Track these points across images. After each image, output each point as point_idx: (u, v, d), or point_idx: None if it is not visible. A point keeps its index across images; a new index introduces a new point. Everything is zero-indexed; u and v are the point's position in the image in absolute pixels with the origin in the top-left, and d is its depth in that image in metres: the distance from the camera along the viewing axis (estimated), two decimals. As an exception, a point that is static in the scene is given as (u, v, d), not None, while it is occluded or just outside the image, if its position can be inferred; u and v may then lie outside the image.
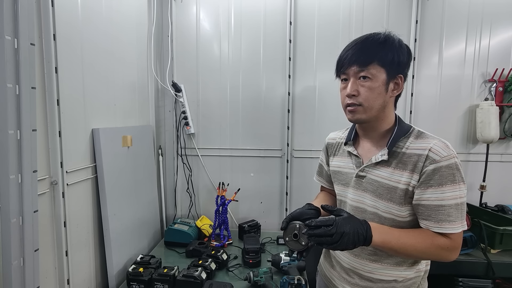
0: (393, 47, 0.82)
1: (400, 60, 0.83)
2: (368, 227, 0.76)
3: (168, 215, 2.17)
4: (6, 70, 0.82)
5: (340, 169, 1.01)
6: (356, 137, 0.99)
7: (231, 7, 1.99)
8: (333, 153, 1.07)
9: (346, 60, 0.85)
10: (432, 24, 1.90)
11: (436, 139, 0.82)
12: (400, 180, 0.83)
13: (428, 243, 0.78)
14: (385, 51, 0.81)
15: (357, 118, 0.87)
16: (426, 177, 0.79)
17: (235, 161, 2.10)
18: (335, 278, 1.02)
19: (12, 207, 0.86)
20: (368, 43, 0.83)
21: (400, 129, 0.88)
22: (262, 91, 2.03)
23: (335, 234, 0.71)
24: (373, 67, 0.81)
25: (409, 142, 0.85)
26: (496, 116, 1.79)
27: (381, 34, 0.84)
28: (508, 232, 1.53)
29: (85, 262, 1.34)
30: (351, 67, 0.84)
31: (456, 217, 0.77)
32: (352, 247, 0.74)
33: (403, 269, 0.89)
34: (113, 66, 1.53)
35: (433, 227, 0.79)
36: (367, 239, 0.75)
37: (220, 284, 1.29)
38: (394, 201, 0.84)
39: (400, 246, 0.78)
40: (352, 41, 0.87)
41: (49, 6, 1.09)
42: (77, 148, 1.28)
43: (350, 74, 0.85)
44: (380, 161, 0.88)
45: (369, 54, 0.82)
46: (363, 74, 0.82)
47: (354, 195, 0.94)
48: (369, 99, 0.83)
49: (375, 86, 0.82)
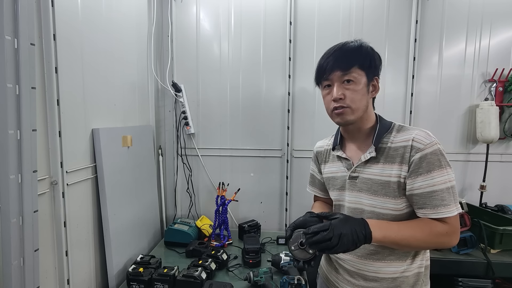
0: (368, 52, 0.88)
1: (376, 64, 0.89)
2: (366, 224, 0.77)
3: (168, 215, 2.17)
4: (6, 70, 0.82)
5: (333, 175, 1.02)
6: (342, 141, 1.02)
7: (231, 7, 2.00)
8: (324, 161, 1.08)
9: (329, 67, 0.88)
10: (432, 24, 1.90)
11: (417, 130, 0.86)
12: (391, 173, 0.86)
13: (427, 231, 0.80)
14: (363, 55, 0.87)
15: (346, 120, 0.89)
16: (414, 166, 0.82)
17: (235, 161, 2.10)
18: (339, 281, 1.02)
19: (12, 207, 0.86)
20: (346, 49, 0.88)
21: (382, 125, 0.92)
22: (262, 91, 2.03)
23: (333, 237, 0.72)
24: (354, 71, 0.86)
25: (392, 137, 0.89)
26: (496, 116, 1.79)
27: (355, 42, 0.89)
28: (508, 232, 1.52)
29: (85, 262, 1.34)
30: (334, 72, 0.87)
31: (450, 200, 0.79)
32: (354, 247, 0.74)
33: (406, 263, 0.90)
34: (113, 66, 1.53)
35: (430, 214, 0.81)
36: (367, 236, 0.75)
37: (220, 284, 1.29)
38: (389, 195, 0.87)
39: (401, 238, 0.79)
40: (329, 49, 0.91)
41: (49, 6, 1.09)
42: (77, 148, 1.28)
43: (334, 79, 0.88)
44: (369, 159, 0.90)
45: (350, 58, 0.86)
46: (346, 78, 0.86)
47: (351, 197, 0.95)
48: (355, 101, 0.87)
49: (359, 88, 0.86)
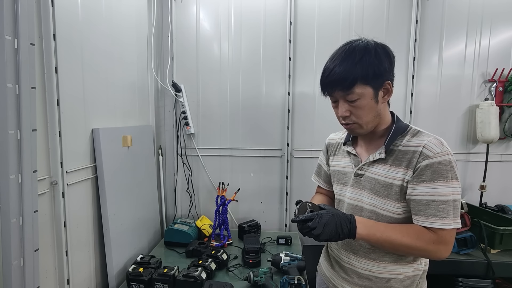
0: (371, 61, 0.79)
1: (382, 70, 0.81)
2: (353, 220, 0.80)
3: (168, 215, 2.17)
4: (6, 70, 0.82)
5: (340, 169, 1.02)
6: (354, 137, 1.02)
7: (231, 7, 1.99)
8: (333, 153, 1.08)
9: (329, 86, 0.84)
10: (432, 24, 1.90)
11: (431, 136, 0.83)
12: (396, 176, 0.85)
13: (413, 236, 0.79)
14: (365, 68, 0.79)
15: (356, 133, 0.92)
16: (419, 172, 0.80)
17: (235, 161, 2.10)
18: (334, 278, 1.03)
19: (12, 207, 0.86)
20: (345, 65, 0.80)
21: (397, 128, 0.89)
22: (262, 91, 2.03)
23: (317, 227, 0.77)
24: (357, 87, 0.80)
25: (405, 140, 0.86)
26: (496, 116, 1.79)
27: (356, 49, 0.80)
28: (508, 232, 1.53)
29: (85, 262, 1.34)
30: (336, 92, 0.84)
31: (447, 213, 0.77)
32: (338, 238, 0.78)
33: (401, 267, 0.90)
34: (113, 66, 1.53)
35: (422, 221, 0.80)
36: (351, 230, 0.79)
37: (220, 284, 1.29)
38: (391, 197, 0.86)
39: (385, 239, 0.80)
40: (330, 60, 0.85)
41: (49, 6, 1.09)
42: (77, 148, 1.28)
43: (338, 97, 0.85)
44: (378, 159, 0.89)
45: (350, 77, 0.79)
46: (349, 98, 0.82)
47: (352, 193, 0.96)
48: (362, 117, 0.85)
49: (365, 104, 0.82)
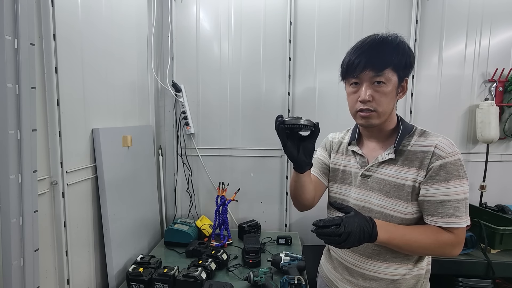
0: (405, 51, 0.81)
1: (409, 63, 0.83)
2: (374, 225, 0.77)
3: (168, 215, 2.17)
4: (6, 70, 0.82)
5: (345, 168, 1.00)
6: (359, 137, 1.00)
7: (231, 7, 1.99)
8: (335, 150, 1.06)
9: (361, 64, 0.81)
10: (432, 24, 1.90)
11: (441, 137, 0.84)
12: (407, 177, 0.84)
13: (432, 239, 0.80)
14: (399, 55, 0.80)
15: (370, 123, 0.86)
16: (433, 173, 0.80)
17: (235, 161, 2.10)
18: (338, 280, 1.01)
19: (12, 207, 0.86)
20: (383, 47, 0.81)
21: (404, 128, 0.89)
22: (262, 91, 2.03)
23: (343, 234, 0.71)
24: (388, 72, 0.80)
25: (413, 140, 0.87)
26: (496, 116, 1.79)
27: (392, 36, 0.82)
28: (508, 232, 1.52)
29: (85, 262, 1.34)
30: (365, 72, 0.81)
31: (462, 212, 0.79)
32: (358, 244, 0.75)
33: (408, 267, 0.90)
34: (113, 66, 1.53)
35: (440, 222, 0.80)
36: (372, 236, 0.76)
37: (220, 284, 1.29)
38: (402, 198, 0.85)
39: (405, 243, 0.80)
40: (362, 43, 0.84)
41: (49, 6, 1.09)
42: (77, 148, 1.28)
43: (364, 79, 0.82)
44: (387, 160, 0.89)
45: (385, 59, 0.80)
46: (378, 80, 0.81)
47: (359, 194, 0.94)
48: (384, 104, 0.83)
49: (389, 91, 0.82)
